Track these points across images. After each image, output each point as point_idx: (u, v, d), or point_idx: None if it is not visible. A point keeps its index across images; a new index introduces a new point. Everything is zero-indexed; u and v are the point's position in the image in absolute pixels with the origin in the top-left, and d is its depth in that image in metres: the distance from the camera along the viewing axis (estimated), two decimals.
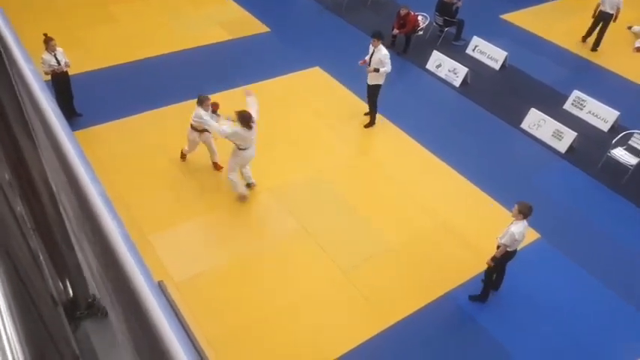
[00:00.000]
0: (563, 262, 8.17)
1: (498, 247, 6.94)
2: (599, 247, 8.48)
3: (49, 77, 9.30)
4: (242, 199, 8.65)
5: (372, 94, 10.26)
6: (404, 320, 7.12)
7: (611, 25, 13.45)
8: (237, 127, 7.85)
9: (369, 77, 10.12)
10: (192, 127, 8.64)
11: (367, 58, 10.03)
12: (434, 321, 7.20)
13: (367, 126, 10.51)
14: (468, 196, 9.18)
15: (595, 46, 13.67)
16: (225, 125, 8.01)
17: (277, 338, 6.84)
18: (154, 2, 14.44)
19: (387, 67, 9.82)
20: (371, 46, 9.92)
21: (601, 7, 13.26)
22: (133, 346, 0.97)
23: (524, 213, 6.66)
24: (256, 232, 8.23)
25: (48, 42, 9.03)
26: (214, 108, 8.62)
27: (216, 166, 9.18)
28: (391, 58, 10.00)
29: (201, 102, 8.36)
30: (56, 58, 9.17)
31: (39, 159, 1.61)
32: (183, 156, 9.26)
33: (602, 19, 13.31)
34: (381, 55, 9.78)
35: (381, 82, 10.09)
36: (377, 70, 9.83)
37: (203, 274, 7.49)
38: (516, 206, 6.75)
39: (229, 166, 8.43)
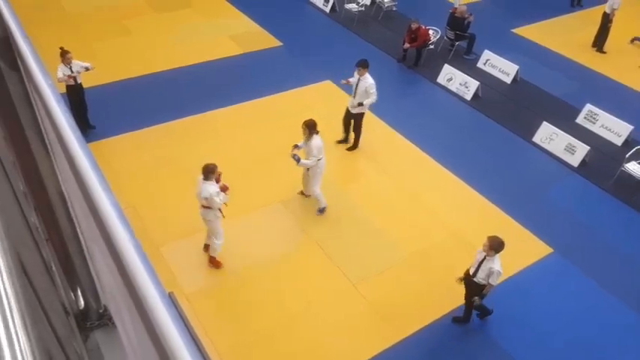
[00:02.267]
0: (577, 276, 8.06)
1: (479, 284, 6.58)
2: (612, 262, 8.35)
3: (63, 88, 9.44)
4: (323, 212, 8.64)
5: (357, 123, 9.86)
6: (415, 334, 7.05)
7: (624, 37, 13.51)
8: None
9: (351, 101, 9.77)
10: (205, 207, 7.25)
11: (351, 80, 9.73)
12: (445, 335, 7.12)
13: (351, 149, 10.18)
14: (480, 209, 9.12)
15: (600, 48, 14.02)
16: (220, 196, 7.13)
17: (286, 351, 6.80)
18: (167, 16, 14.66)
19: (372, 98, 9.46)
20: (356, 74, 9.51)
21: (605, 10, 13.80)
22: (143, 356, 0.97)
23: (496, 249, 6.26)
24: (267, 244, 8.22)
25: (64, 55, 9.18)
26: (218, 179, 7.29)
27: (213, 261, 7.68)
28: (402, 71, 9.97)
29: (210, 173, 6.98)
30: (72, 71, 9.31)
31: (53, 170, 1.63)
32: (212, 261, 7.75)
33: (604, 20, 13.79)
34: (367, 84, 9.40)
35: (365, 110, 9.77)
36: (361, 104, 9.51)
37: (213, 286, 7.49)
38: (487, 242, 6.30)
39: (315, 182, 8.30)
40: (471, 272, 6.64)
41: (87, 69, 9.52)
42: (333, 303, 7.42)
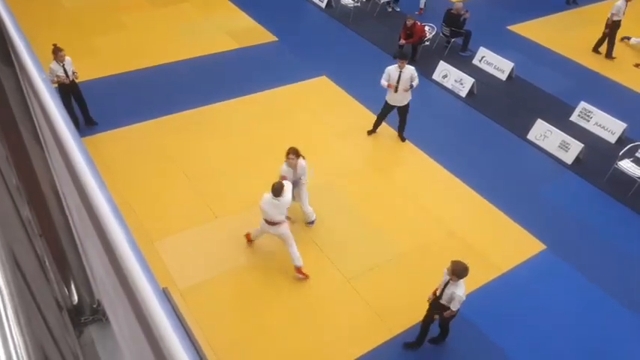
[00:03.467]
0: (569, 273, 8.11)
1: (445, 306, 6.34)
2: (604, 259, 8.41)
3: (55, 86, 9.37)
4: (313, 224, 8.49)
5: (407, 111, 10.20)
6: (409, 330, 7.08)
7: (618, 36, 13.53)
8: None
9: (398, 98, 9.96)
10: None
11: (388, 82, 9.83)
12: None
13: (403, 140, 10.48)
14: (473, 205, 9.16)
15: (610, 53, 13.91)
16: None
17: (281, 346, 6.82)
18: (163, 11, 14.59)
19: (417, 80, 9.85)
20: (397, 67, 9.74)
21: (610, 17, 13.50)
22: (137, 352, 0.97)
23: (458, 275, 6.00)
24: (262, 241, 8.21)
25: (57, 52, 9.08)
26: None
27: (300, 272, 7.64)
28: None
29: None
30: (64, 69, 9.22)
31: (47, 165, 1.63)
32: (248, 237, 8.11)
33: (611, 26, 13.57)
34: (411, 72, 9.76)
35: (410, 98, 10.07)
36: (410, 87, 9.81)
37: (208, 282, 7.48)
38: (450, 265, 6.08)
39: (307, 200, 8.31)
40: (437, 293, 6.41)
41: (75, 75, 9.42)
42: (328, 299, 7.44)
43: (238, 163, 9.58)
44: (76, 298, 1.97)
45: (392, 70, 9.81)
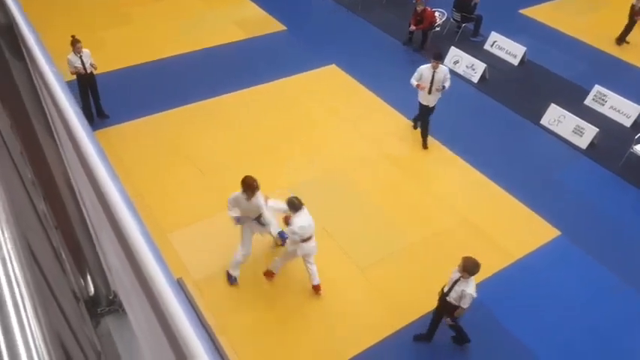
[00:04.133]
0: (584, 259, 8.05)
1: (453, 305, 6.23)
2: (620, 244, 8.33)
3: (74, 77, 9.46)
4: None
5: (431, 114, 9.79)
6: (420, 319, 7.08)
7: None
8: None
9: (432, 98, 9.52)
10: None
11: (419, 82, 9.39)
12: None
13: (425, 147, 9.99)
14: (487, 192, 9.09)
15: (622, 39, 13.51)
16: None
17: (294, 335, 6.87)
18: (170, 2, 14.57)
19: (449, 82, 9.47)
20: (430, 67, 9.30)
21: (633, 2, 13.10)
22: (153, 342, 0.98)
23: (470, 271, 5.90)
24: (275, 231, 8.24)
25: (75, 44, 9.20)
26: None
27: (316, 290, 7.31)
28: (408, 53, 9.89)
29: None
30: (82, 60, 9.32)
31: (61, 158, 1.64)
32: (269, 274, 7.41)
33: (632, 12, 13.12)
34: (444, 73, 9.39)
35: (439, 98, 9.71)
36: (442, 89, 9.44)
37: (221, 272, 7.54)
38: (461, 262, 5.97)
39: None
40: (445, 290, 6.31)
41: (92, 65, 9.51)
42: (341, 288, 7.46)
43: (249, 153, 9.60)
44: (92, 289, 2.00)
45: (425, 69, 9.36)
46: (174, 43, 12.69)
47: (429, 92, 9.43)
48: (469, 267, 5.89)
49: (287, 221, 6.96)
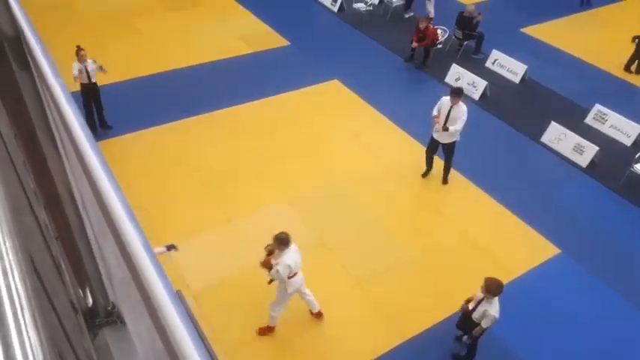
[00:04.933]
0: (585, 277, 8.01)
1: (475, 323, 6.28)
2: (620, 263, 8.29)
3: (78, 88, 9.55)
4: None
5: (452, 151, 9.22)
6: (420, 336, 7.03)
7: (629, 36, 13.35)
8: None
9: (444, 135, 8.94)
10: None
11: (437, 112, 8.88)
12: (450, 336, 7.09)
13: (445, 182, 9.55)
14: (487, 209, 9.08)
15: (629, 66, 13.21)
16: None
17: (292, 349, 6.81)
18: (176, 16, 14.73)
19: (458, 125, 8.68)
20: (447, 102, 8.73)
21: None
22: (151, 354, 0.98)
23: (492, 292, 5.94)
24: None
25: (78, 52, 9.33)
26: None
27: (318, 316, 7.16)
28: (409, 70, 9.85)
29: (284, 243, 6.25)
30: (86, 70, 9.41)
31: (63, 169, 1.65)
32: (267, 330, 6.96)
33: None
34: (460, 112, 8.66)
35: (457, 138, 9.05)
36: (446, 130, 8.74)
37: (220, 284, 7.51)
38: (483, 283, 5.99)
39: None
40: (470, 307, 6.34)
41: (101, 68, 9.61)
42: (338, 302, 7.42)
43: (251, 166, 9.62)
44: (90, 300, 1.99)
45: (445, 101, 8.79)
46: (180, 56, 12.80)
47: (443, 129, 8.80)
48: (492, 288, 5.96)
49: (267, 265, 6.38)
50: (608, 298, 7.72)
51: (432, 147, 9.36)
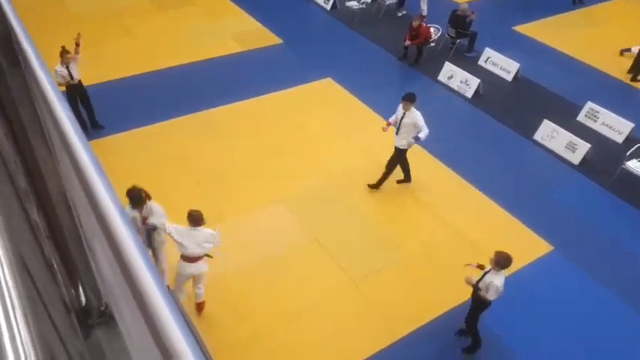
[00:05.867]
0: (577, 274, 8.07)
1: (476, 289, 6.42)
2: (612, 259, 8.36)
3: (63, 88, 9.44)
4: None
5: (395, 157, 8.99)
6: (415, 332, 7.06)
7: (625, 38, 13.39)
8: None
9: (396, 138, 8.84)
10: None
11: (393, 120, 8.86)
12: (445, 334, 7.12)
13: (374, 187, 9.25)
14: (481, 206, 9.12)
15: (636, 75, 13.00)
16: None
17: (285, 348, 6.82)
18: (168, 15, 14.66)
19: (425, 130, 8.46)
20: (400, 108, 8.63)
21: None
22: (144, 353, 0.98)
23: (501, 265, 6.11)
24: (268, 242, 8.23)
25: (63, 54, 9.17)
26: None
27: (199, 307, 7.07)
28: (403, 68, 9.86)
29: (201, 219, 6.52)
30: (68, 70, 9.28)
31: (55, 168, 1.64)
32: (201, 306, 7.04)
33: None
34: (413, 119, 8.49)
35: (405, 146, 8.81)
36: (417, 139, 8.56)
37: (212, 283, 7.49)
38: (493, 256, 6.18)
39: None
40: (475, 281, 6.45)
41: (77, 50, 9.35)
42: (333, 301, 7.44)
43: (244, 165, 9.61)
44: (83, 300, 1.98)
45: (400, 107, 8.68)
46: (172, 55, 12.74)
47: (396, 133, 8.75)
48: (500, 260, 6.08)
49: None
50: (600, 295, 7.78)
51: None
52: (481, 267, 6.53)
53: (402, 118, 8.63)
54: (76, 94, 9.61)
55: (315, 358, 6.75)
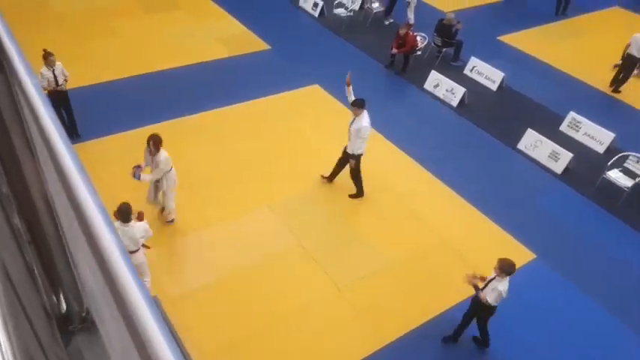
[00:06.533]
0: (558, 282, 8.16)
1: (482, 303, 6.51)
2: (594, 267, 8.47)
3: (45, 92, 9.30)
4: (172, 222, 8.36)
5: (341, 161, 8.98)
6: (400, 339, 7.07)
7: (612, 51, 13.60)
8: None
9: (348, 144, 8.78)
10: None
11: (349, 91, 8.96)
12: (430, 340, 7.14)
13: (353, 196, 9.21)
14: (464, 214, 9.19)
15: (618, 87, 13.04)
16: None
17: (270, 354, 6.78)
18: (154, 18, 14.59)
19: (362, 147, 8.55)
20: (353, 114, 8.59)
21: (629, 51, 12.67)
22: (125, 359, 0.97)
23: (506, 271, 6.25)
24: (253, 248, 8.19)
25: (47, 57, 8.98)
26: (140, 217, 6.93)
27: None
28: (390, 77, 9.96)
29: (129, 214, 6.55)
30: (54, 74, 9.13)
31: (37, 172, 1.62)
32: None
33: (631, 63, 12.73)
34: (356, 129, 8.41)
35: (361, 151, 8.68)
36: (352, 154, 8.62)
37: (199, 290, 7.44)
38: (497, 264, 6.30)
39: (171, 197, 8.12)
40: (480, 287, 6.55)
41: (65, 79, 9.30)
42: (318, 307, 7.42)
43: (229, 170, 9.57)
44: (64, 306, 1.95)
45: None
46: (158, 59, 12.68)
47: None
48: (505, 266, 6.22)
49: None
50: (583, 303, 7.88)
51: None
52: (483, 279, 6.59)
53: (351, 123, 8.58)
54: (58, 100, 9.43)
55: None
